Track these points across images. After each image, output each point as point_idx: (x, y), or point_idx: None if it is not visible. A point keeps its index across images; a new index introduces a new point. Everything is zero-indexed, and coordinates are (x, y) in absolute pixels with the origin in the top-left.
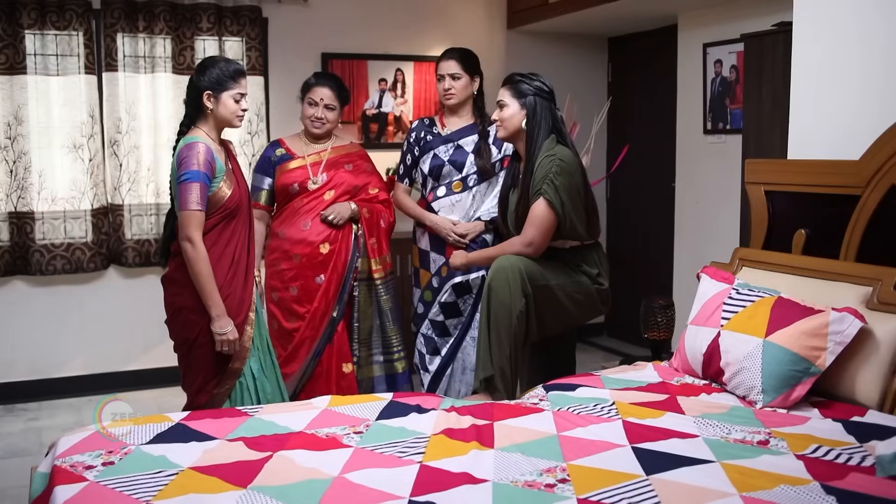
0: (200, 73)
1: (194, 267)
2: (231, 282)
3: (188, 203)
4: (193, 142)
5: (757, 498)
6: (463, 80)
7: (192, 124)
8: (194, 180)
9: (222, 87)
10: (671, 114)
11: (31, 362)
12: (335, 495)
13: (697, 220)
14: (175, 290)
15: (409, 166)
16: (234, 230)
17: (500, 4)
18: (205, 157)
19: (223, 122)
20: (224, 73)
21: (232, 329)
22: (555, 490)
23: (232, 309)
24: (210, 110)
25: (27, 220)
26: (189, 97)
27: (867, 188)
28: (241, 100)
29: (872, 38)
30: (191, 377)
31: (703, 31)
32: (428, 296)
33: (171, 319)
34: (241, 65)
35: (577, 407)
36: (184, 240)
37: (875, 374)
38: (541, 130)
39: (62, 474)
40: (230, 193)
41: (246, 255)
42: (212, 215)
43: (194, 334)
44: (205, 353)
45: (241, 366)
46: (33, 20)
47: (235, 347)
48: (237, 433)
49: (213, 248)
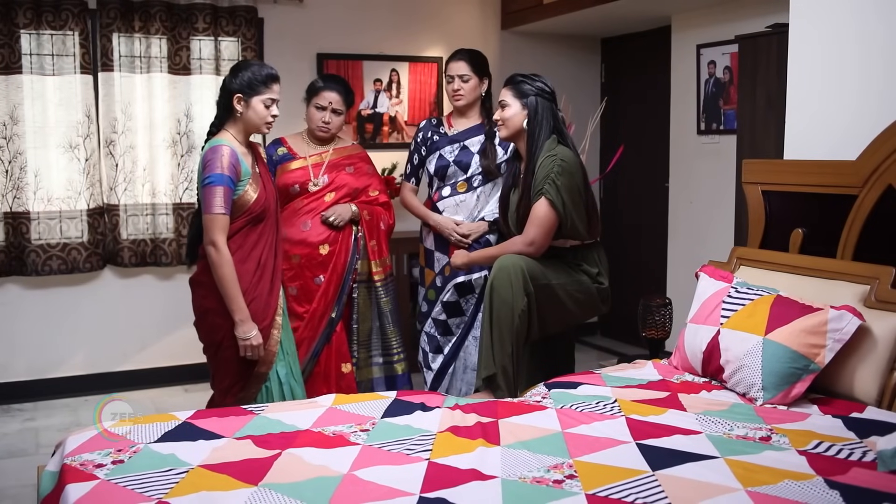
0: (233, 75)
1: (218, 271)
2: (257, 286)
3: (212, 206)
4: (218, 145)
5: (762, 493)
6: (472, 82)
7: (221, 126)
8: (218, 184)
9: (253, 91)
10: (665, 114)
11: (27, 363)
12: (346, 492)
13: (691, 220)
14: (202, 293)
15: (415, 166)
16: (261, 234)
17: (495, 5)
18: (229, 160)
19: (251, 126)
20: (256, 78)
21: (256, 334)
22: (563, 486)
23: (257, 313)
24: (239, 113)
25: (23, 220)
26: (220, 99)
27: (864, 188)
28: (272, 105)
29: (869, 38)
30: (218, 379)
31: (697, 32)
32: (432, 295)
33: (198, 322)
34: (274, 70)
35: (579, 404)
36: (208, 244)
37: (873, 370)
38: (542, 130)
39: (72, 473)
40: (256, 197)
41: (273, 258)
42: (237, 218)
43: (220, 337)
44: (230, 357)
45: (267, 370)
46: (29, 20)
47: (259, 352)
48: (244, 431)
49: (238, 251)
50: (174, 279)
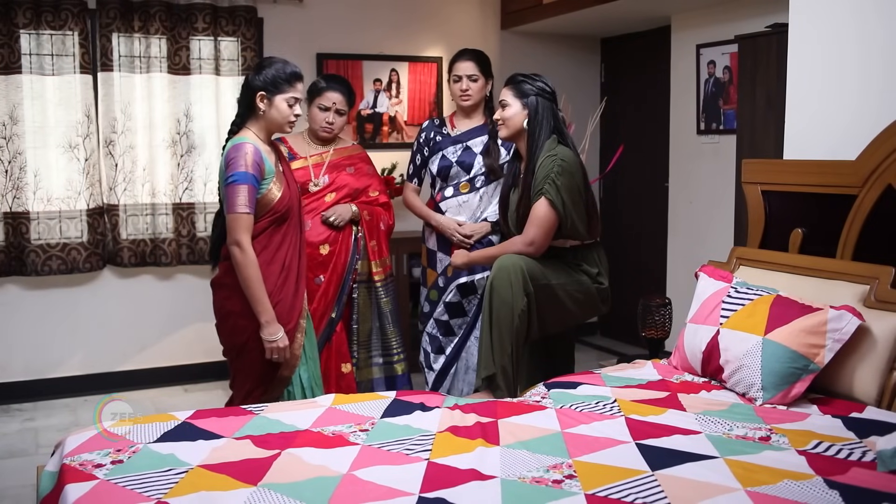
0: (257, 72)
1: (243, 272)
2: (282, 288)
3: (235, 206)
4: (241, 143)
5: (761, 493)
6: (480, 82)
7: (243, 124)
8: (242, 182)
9: (277, 89)
10: (664, 114)
11: (26, 363)
12: (345, 492)
13: (691, 219)
14: (224, 295)
15: (418, 166)
16: (286, 234)
17: (494, 5)
18: (253, 158)
19: (274, 125)
20: (280, 75)
21: (283, 336)
22: (562, 486)
23: (282, 315)
24: (262, 111)
25: (22, 220)
26: (242, 96)
27: (863, 188)
28: (295, 105)
29: (869, 38)
30: (239, 382)
31: (697, 32)
32: (434, 295)
33: (220, 324)
34: (298, 68)
35: (579, 404)
36: (232, 244)
37: (873, 370)
38: (542, 130)
39: (72, 473)
40: (280, 196)
41: (297, 260)
42: (261, 218)
43: (243, 340)
44: (253, 360)
45: (290, 374)
46: (28, 20)
47: (286, 355)
48: (244, 431)
49: (263, 252)
50: (174, 279)
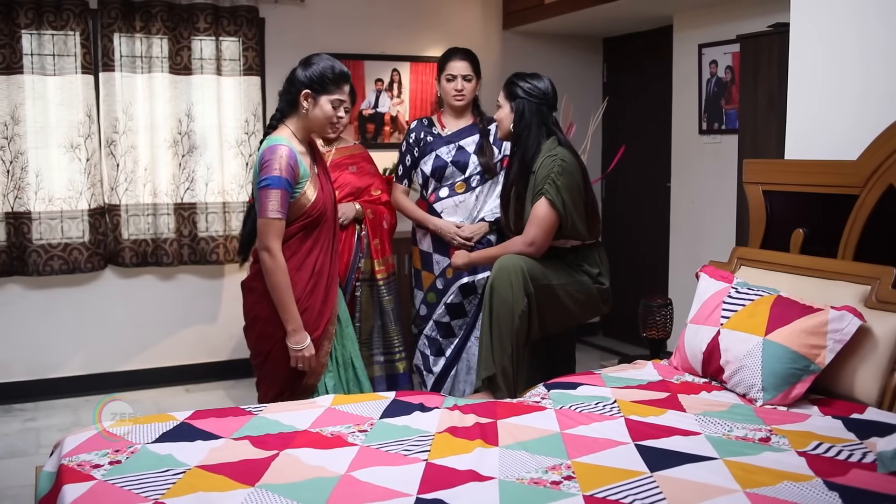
0: (304, 67)
1: (271, 278)
2: (311, 295)
3: (267, 211)
4: (276, 144)
5: (760, 494)
6: (473, 82)
7: (283, 119)
8: (275, 187)
9: (323, 88)
10: (666, 114)
11: (28, 363)
12: (343, 493)
13: (693, 219)
14: (253, 299)
15: (408, 167)
16: (317, 239)
17: (496, 5)
18: (287, 161)
19: (315, 125)
20: (328, 75)
21: (309, 345)
22: (560, 487)
23: (309, 323)
24: (304, 110)
25: (24, 220)
26: (285, 90)
27: (865, 188)
28: (339, 107)
29: (870, 38)
30: (264, 388)
31: (699, 31)
32: (431, 297)
33: (247, 328)
34: (347, 70)
35: (579, 405)
36: (262, 249)
37: (874, 371)
38: (530, 133)
39: (69, 473)
40: (314, 199)
41: (329, 265)
42: (294, 222)
43: (269, 347)
44: (279, 368)
45: (315, 382)
46: (30, 20)
47: (311, 364)
48: (242, 432)
49: (292, 257)
50: (175, 279)
